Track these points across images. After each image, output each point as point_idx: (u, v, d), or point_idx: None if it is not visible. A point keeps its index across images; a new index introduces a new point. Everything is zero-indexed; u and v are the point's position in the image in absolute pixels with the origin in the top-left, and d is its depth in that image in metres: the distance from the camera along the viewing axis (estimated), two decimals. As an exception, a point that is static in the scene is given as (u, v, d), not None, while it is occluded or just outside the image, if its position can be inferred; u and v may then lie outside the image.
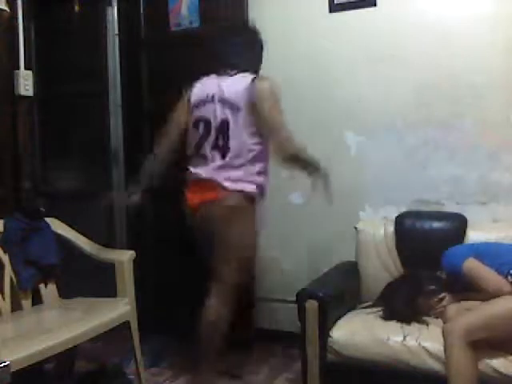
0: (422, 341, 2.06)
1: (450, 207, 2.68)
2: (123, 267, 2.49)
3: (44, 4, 3.35)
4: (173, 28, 3.11)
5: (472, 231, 2.47)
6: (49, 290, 2.58)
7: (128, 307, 2.44)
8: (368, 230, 2.65)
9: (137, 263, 2.56)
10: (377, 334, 2.15)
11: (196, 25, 3.04)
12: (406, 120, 2.77)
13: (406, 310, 2.23)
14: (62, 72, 3.42)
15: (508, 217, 2.58)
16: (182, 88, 2.40)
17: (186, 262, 2.81)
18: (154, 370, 2.76)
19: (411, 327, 2.15)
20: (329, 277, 2.51)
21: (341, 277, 2.57)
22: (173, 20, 3.10)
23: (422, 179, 2.75)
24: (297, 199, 3.02)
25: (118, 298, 2.48)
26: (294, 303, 2.27)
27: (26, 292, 2.48)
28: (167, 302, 3.10)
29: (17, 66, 3.12)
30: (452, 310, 2.17)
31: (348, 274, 2.61)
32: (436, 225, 2.55)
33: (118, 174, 3.29)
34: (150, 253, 3.16)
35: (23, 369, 1.84)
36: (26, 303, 2.47)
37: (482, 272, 2.13)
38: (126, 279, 2.48)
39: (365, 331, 2.18)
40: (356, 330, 2.21)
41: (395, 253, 2.58)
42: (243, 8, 2.92)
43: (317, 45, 2.93)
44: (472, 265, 2.14)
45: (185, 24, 3.07)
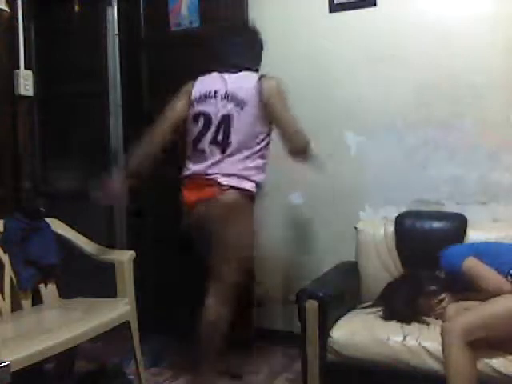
0: (422, 341, 2.06)
1: (449, 207, 2.68)
2: (123, 267, 2.49)
3: (44, 4, 3.35)
4: (173, 28, 3.11)
5: (472, 231, 2.47)
6: (49, 290, 2.58)
7: (128, 307, 2.44)
8: (368, 230, 2.65)
9: (137, 263, 2.56)
10: (377, 334, 2.15)
11: (196, 25, 3.04)
12: (406, 120, 2.77)
13: (406, 310, 2.23)
14: (62, 72, 3.42)
15: (508, 217, 2.58)
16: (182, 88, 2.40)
17: (186, 262, 2.80)
18: (153, 370, 2.76)
19: (411, 327, 2.16)
20: (329, 277, 2.51)
21: (341, 277, 2.57)
22: (173, 20, 3.11)
23: (422, 179, 2.75)
24: (297, 199, 3.02)
25: (118, 298, 2.48)
26: (294, 303, 2.28)
27: (26, 292, 2.48)
28: (167, 302, 3.09)
29: (17, 66, 3.12)
30: (452, 309, 2.17)
31: (348, 273, 2.61)
32: (436, 225, 2.55)
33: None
34: (150, 253, 3.16)
35: (23, 369, 1.84)
36: (26, 303, 2.47)
37: (482, 271, 2.12)
38: (126, 279, 2.48)
39: (365, 331, 2.18)
40: (356, 330, 2.21)
41: (395, 253, 2.58)
42: (243, 8, 2.92)
43: (317, 45, 2.93)
44: (472, 264, 2.14)
45: (185, 24, 3.07)
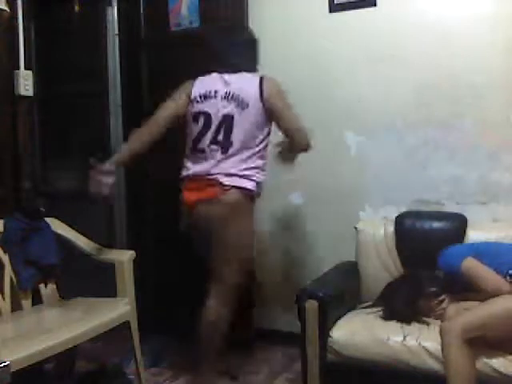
0: (422, 341, 2.06)
1: (449, 207, 2.68)
2: (123, 267, 2.49)
3: (44, 4, 3.35)
4: (173, 28, 3.11)
5: (472, 231, 2.47)
6: (49, 290, 2.57)
7: (128, 307, 2.44)
8: (368, 230, 2.65)
9: (137, 263, 2.55)
10: (377, 334, 2.15)
11: (196, 25, 3.04)
12: (406, 120, 2.77)
13: (406, 310, 2.22)
14: (62, 72, 3.42)
15: (508, 217, 2.58)
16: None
17: (186, 262, 2.80)
18: (153, 370, 2.76)
19: (411, 327, 2.16)
20: (329, 277, 2.51)
21: (341, 277, 2.57)
22: (173, 20, 3.10)
23: (422, 179, 2.75)
24: (297, 199, 3.02)
25: (118, 298, 2.47)
26: (294, 303, 2.28)
27: (26, 292, 2.48)
28: (167, 302, 3.10)
29: (17, 66, 3.11)
30: (451, 310, 2.17)
31: (348, 274, 2.61)
32: (436, 225, 2.55)
33: (118, 174, 3.28)
34: (150, 253, 3.16)
35: (23, 369, 1.84)
36: (26, 303, 2.47)
37: (481, 271, 2.12)
38: (126, 279, 2.48)
39: (365, 331, 2.18)
40: (356, 330, 2.21)
41: (395, 253, 2.58)
42: (243, 8, 2.92)
43: (317, 45, 2.93)
44: (471, 264, 2.14)
45: (185, 24, 3.07)
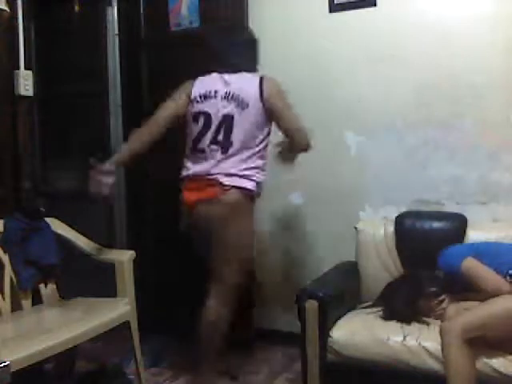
0: (422, 341, 2.06)
1: (449, 207, 2.68)
2: (123, 267, 2.49)
3: (44, 4, 3.35)
4: (173, 28, 3.11)
5: (472, 231, 2.47)
6: (49, 290, 2.57)
7: (128, 307, 2.44)
8: (368, 230, 2.65)
9: (137, 263, 2.55)
10: (377, 334, 2.15)
11: (196, 25, 3.04)
12: (406, 120, 2.77)
13: (406, 310, 2.22)
14: (62, 72, 3.42)
15: (508, 217, 2.58)
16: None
17: (186, 262, 2.80)
18: (153, 369, 2.76)
19: (411, 327, 2.16)
20: (329, 277, 2.51)
21: (341, 277, 2.57)
22: (173, 20, 3.10)
23: (422, 179, 2.75)
24: (297, 199, 3.02)
25: (118, 298, 2.47)
26: (294, 303, 2.28)
27: (26, 292, 2.48)
28: (167, 302, 3.10)
29: (17, 66, 3.11)
30: (451, 310, 2.17)
31: (348, 274, 2.61)
32: (436, 225, 2.55)
33: (118, 174, 3.28)
34: (150, 253, 3.16)
35: (23, 369, 1.84)
36: (26, 303, 2.47)
37: (481, 271, 2.12)
38: (126, 279, 2.48)
39: (365, 331, 2.18)
40: (356, 329, 2.21)
41: (395, 253, 2.58)
42: (243, 8, 2.92)
43: (317, 45, 2.93)
44: (470, 264, 2.14)
45: (185, 24, 3.07)
